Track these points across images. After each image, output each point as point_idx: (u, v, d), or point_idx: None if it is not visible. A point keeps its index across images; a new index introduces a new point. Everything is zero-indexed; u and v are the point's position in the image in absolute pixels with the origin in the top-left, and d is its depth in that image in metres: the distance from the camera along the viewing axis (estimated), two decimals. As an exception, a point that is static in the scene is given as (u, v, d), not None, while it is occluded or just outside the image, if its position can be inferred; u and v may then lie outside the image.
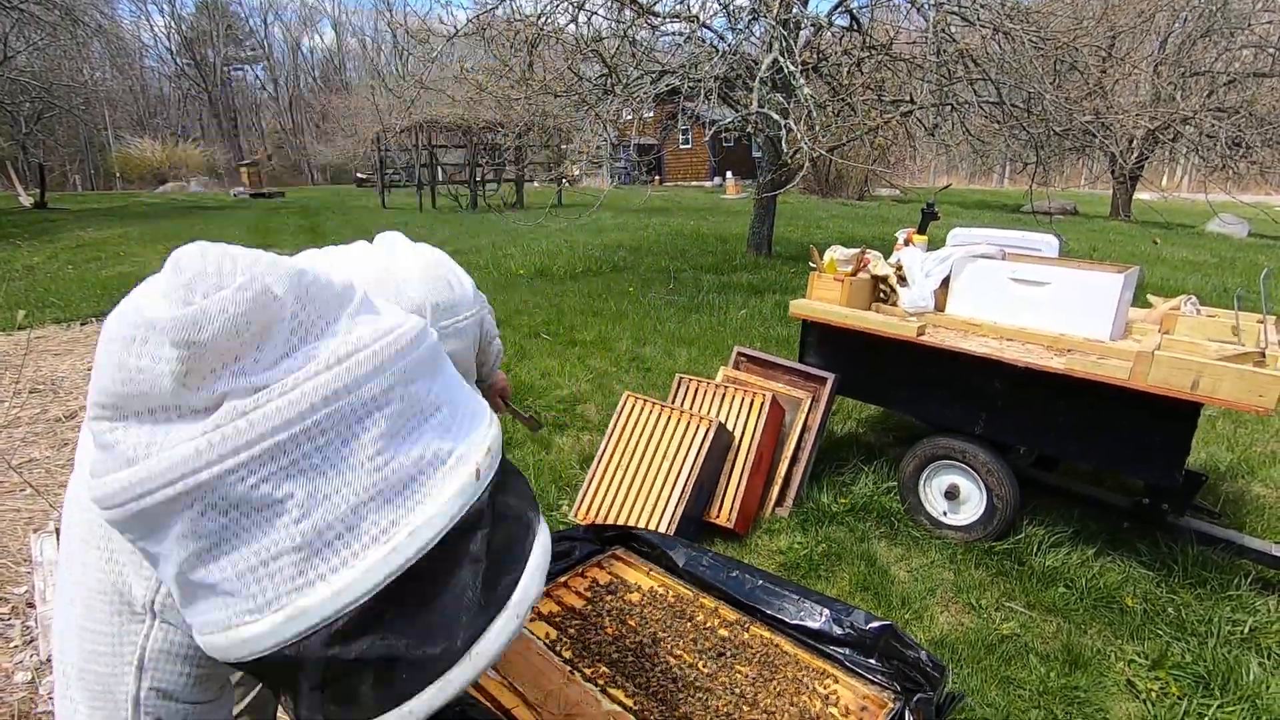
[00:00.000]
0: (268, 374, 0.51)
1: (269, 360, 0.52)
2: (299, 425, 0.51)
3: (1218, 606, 2.35)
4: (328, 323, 0.55)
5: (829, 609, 1.09)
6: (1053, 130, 6.61)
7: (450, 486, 0.55)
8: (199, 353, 0.50)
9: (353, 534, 0.51)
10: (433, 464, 0.55)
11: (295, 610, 0.50)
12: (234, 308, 0.51)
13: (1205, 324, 2.62)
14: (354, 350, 0.54)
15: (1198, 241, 12.82)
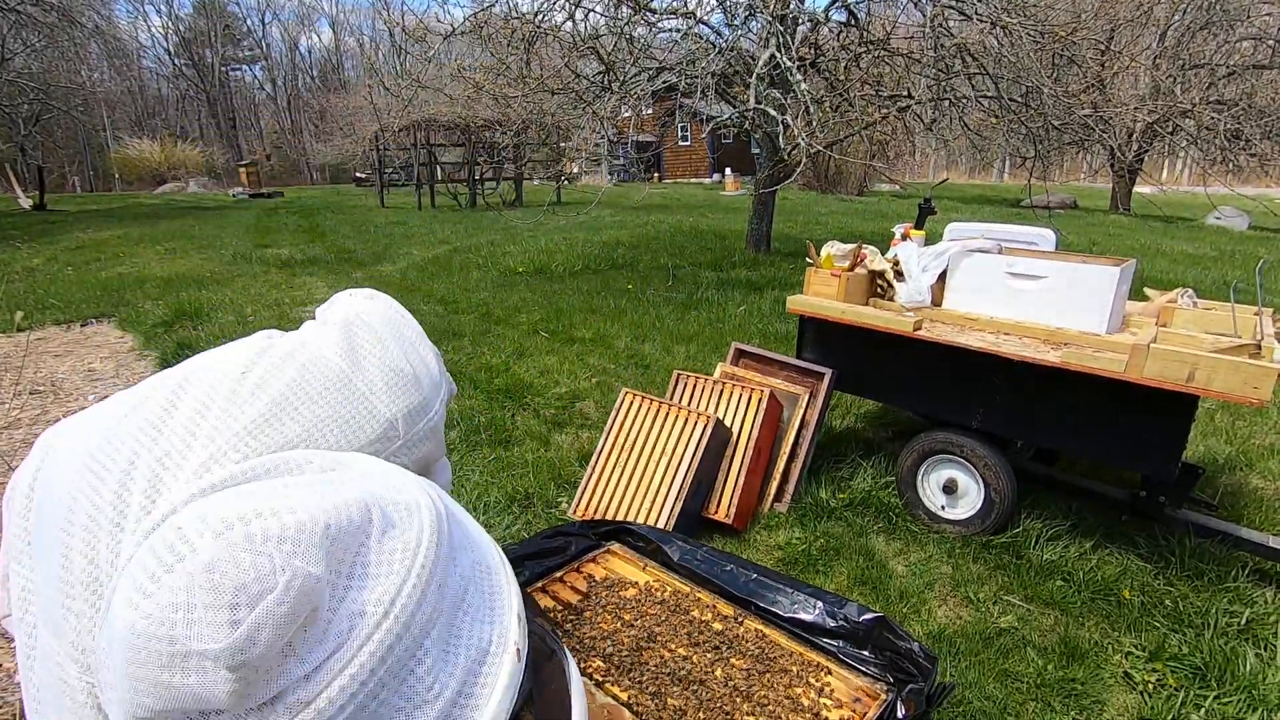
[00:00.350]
0: (319, 649, 0.51)
1: (318, 635, 0.52)
2: (361, 695, 0.51)
3: (1215, 598, 2.35)
4: (363, 565, 0.55)
5: (822, 602, 1.10)
6: (1051, 124, 6.61)
7: (502, 679, 0.56)
8: (254, 668, 0.50)
9: None
10: (480, 661, 0.57)
11: None
12: (282, 609, 0.50)
13: (1202, 317, 2.63)
14: (396, 594, 0.54)
15: (1197, 235, 12.81)
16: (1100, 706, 1.97)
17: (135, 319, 5.93)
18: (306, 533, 0.54)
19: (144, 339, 5.45)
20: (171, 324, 5.67)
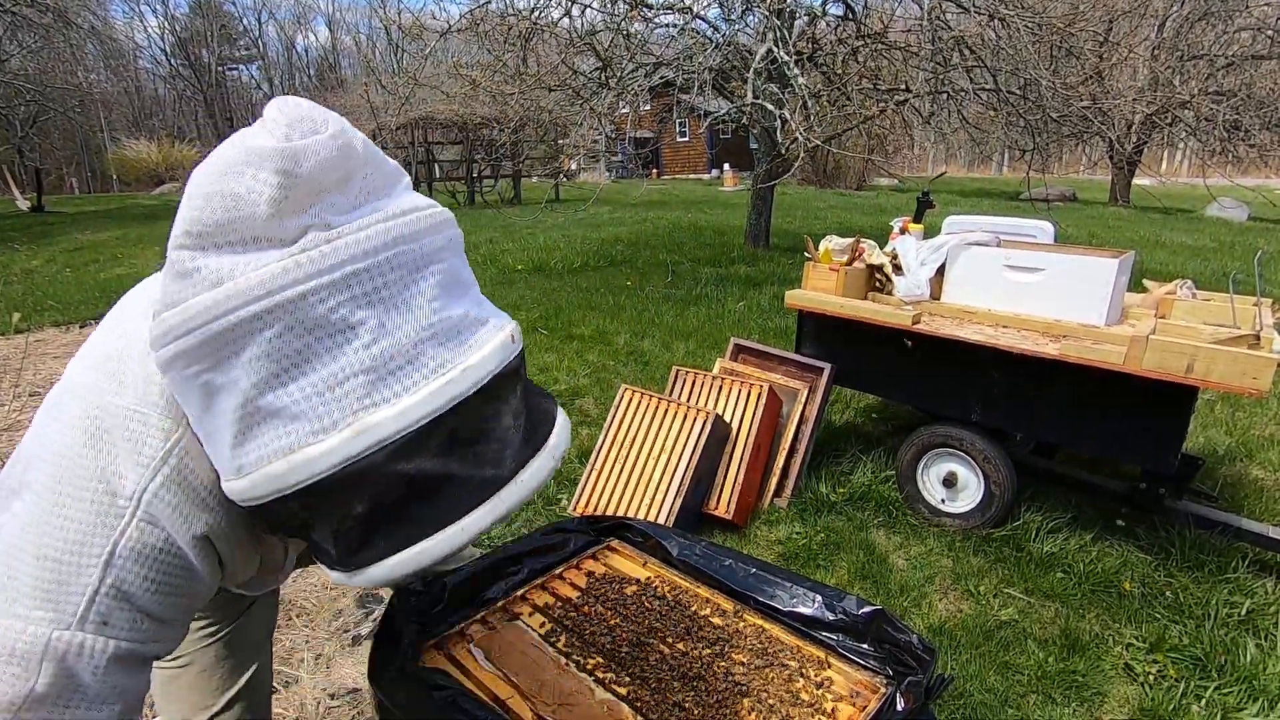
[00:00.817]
0: (343, 217, 0.58)
1: (344, 206, 0.58)
2: (374, 259, 0.57)
3: (1215, 589, 2.35)
4: (389, 187, 0.63)
5: (821, 595, 1.10)
6: (1050, 116, 6.59)
7: (493, 342, 0.62)
8: (296, 184, 0.55)
9: (413, 365, 0.57)
10: (476, 322, 0.62)
11: (362, 426, 0.54)
12: (326, 151, 0.57)
13: (1201, 308, 2.62)
14: (414, 209, 0.62)
15: (1197, 226, 12.79)
16: (1101, 698, 1.98)
17: (134, 320, 5.91)
18: (355, 129, 0.63)
19: (143, 340, 5.45)
20: (171, 325, 5.66)
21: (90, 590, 0.63)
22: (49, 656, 0.60)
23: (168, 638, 0.70)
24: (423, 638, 1.06)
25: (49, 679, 0.60)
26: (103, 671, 0.63)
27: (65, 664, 0.61)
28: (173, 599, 0.68)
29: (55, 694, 0.61)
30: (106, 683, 0.64)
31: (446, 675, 0.96)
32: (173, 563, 0.67)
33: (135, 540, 0.64)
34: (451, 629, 1.11)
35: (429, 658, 1.05)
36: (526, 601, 1.19)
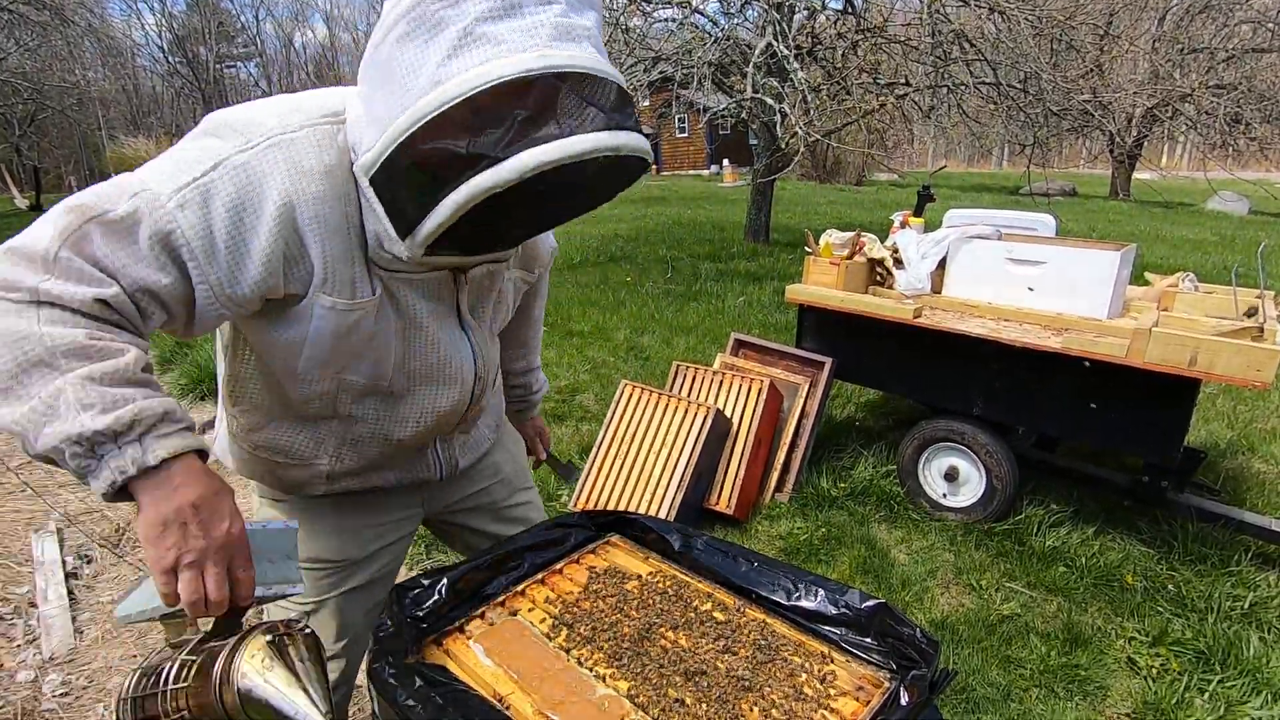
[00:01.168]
0: None
1: None
2: None
3: (1218, 582, 2.35)
4: None
5: (824, 589, 1.09)
6: (1050, 110, 6.57)
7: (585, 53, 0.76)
8: None
9: (586, 39, 0.76)
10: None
11: (544, 53, 0.72)
12: None
13: (1204, 300, 2.61)
14: None
15: (1198, 220, 12.77)
16: (1104, 692, 1.97)
17: (133, 318, 5.90)
18: None
19: (142, 337, 5.44)
20: (169, 322, 5.65)
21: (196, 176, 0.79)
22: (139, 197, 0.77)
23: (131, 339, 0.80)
24: (422, 634, 1.05)
25: (125, 211, 0.76)
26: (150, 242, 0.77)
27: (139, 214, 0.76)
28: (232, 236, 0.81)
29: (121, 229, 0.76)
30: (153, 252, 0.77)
31: (445, 671, 0.95)
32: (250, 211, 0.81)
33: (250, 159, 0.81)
34: (451, 625, 1.10)
35: (428, 653, 1.04)
36: (526, 597, 1.17)
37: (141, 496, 0.74)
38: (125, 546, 2.71)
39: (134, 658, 2.12)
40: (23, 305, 0.72)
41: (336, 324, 0.91)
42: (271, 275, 0.83)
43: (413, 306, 0.97)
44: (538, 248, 1.20)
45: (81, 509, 2.93)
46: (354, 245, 0.88)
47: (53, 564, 2.56)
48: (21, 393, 0.71)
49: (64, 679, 2.04)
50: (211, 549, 0.76)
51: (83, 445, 0.71)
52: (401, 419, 1.06)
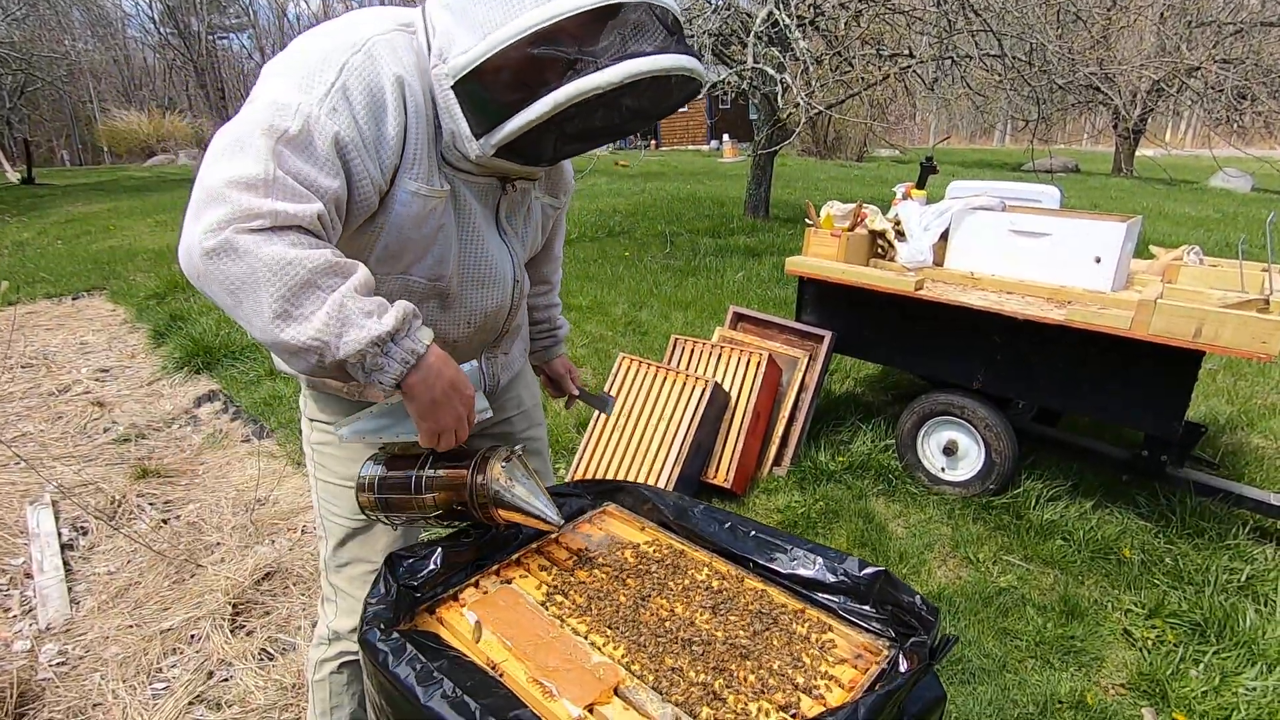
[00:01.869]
0: None
1: None
2: None
3: (1215, 556, 2.35)
4: None
5: (822, 557, 1.07)
6: (1055, 83, 6.46)
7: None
8: None
9: None
10: None
11: None
12: None
13: (1208, 273, 2.58)
14: None
15: (1200, 197, 12.67)
16: (1099, 663, 1.98)
17: (127, 291, 5.86)
18: None
19: (136, 311, 5.40)
20: (164, 296, 5.60)
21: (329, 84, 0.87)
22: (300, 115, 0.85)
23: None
24: (415, 602, 1.04)
25: (299, 127, 0.85)
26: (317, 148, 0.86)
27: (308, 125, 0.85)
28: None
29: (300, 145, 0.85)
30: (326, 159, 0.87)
31: (437, 638, 0.94)
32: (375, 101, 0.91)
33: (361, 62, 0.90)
34: (445, 593, 1.08)
35: (421, 621, 1.02)
36: (521, 565, 1.16)
37: (414, 384, 0.91)
38: (120, 519, 2.70)
39: (131, 628, 2.12)
40: (269, 233, 0.81)
41: (418, 210, 0.99)
42: (396, 156, 0.94)
43: (470, 205, 1.07)
44: (564, 174, 1.31)
45: (75, 481, 2.92)
46: (432, 138, 0.98)
47: (48, 536, 2.55)
48: (300, 313, 0.83)
49: (60, 649, 2.04)
50: (465, 411, 0.98)
51: (379, 346, 0.86)
52: (455, 320, 1.15)
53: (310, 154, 0.86)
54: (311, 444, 1.26)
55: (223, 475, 3.04)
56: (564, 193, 1.33)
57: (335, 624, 1.30)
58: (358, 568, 1.27)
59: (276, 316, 0.82)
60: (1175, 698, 1.83)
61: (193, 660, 1.99)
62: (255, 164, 0.82)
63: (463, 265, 1.11)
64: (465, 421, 0.99)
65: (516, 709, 0.76)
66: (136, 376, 4.23)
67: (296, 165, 0.84)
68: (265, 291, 0.81)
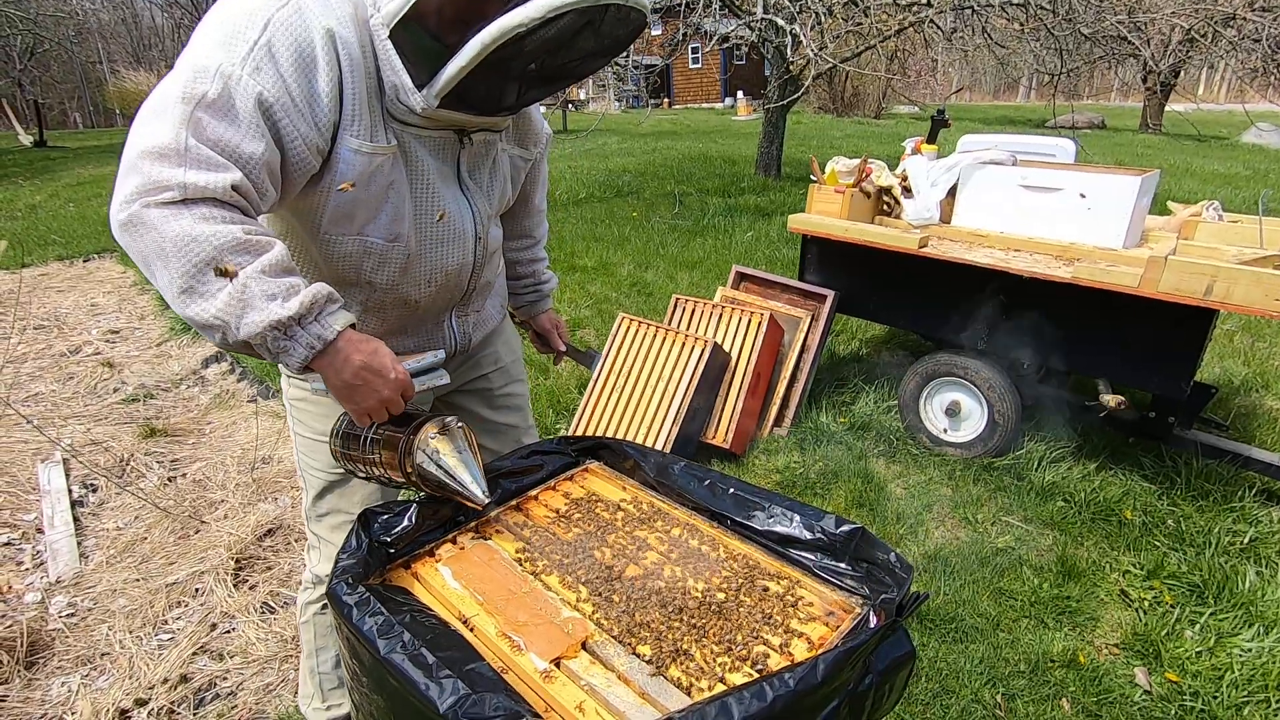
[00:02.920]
0: None
1: None
2: None
3: (1219, 518, 2.32)
4: None
5: (800, 515, 1.06)
6: (1080, 32, 6.21)
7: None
8: None
9: None
10: None
11: None
12: None
13: (1227, 230, 2.49)
14: None
15: (1231, 153, 12.25)
16: (1094, 623, 1.97)
17: (136, 254, 5.87)
18: None
19: (145, 273, 5.42)
20: (172, 258, 5.61)
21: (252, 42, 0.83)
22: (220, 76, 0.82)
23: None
24: (389, 558, 1.04)
25: (218, 91, 0.81)
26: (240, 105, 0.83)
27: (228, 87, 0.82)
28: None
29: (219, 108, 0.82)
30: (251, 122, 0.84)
31: (405, 593, 0.94)
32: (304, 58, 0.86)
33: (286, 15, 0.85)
34: (420, 549, 1.08)
35: (395, 576, 1.03)
36: (499, 523, 1.16)
37: (323, 368, 0.90)
38: (129, 477, 2.75)
39: (137, 582, 2.17)
40: (179, 206, 0.79)
41: (361, 169, 0.96)
42: (330, 112, 0.90)
43: (422, 161, 1.03)
44: (531, 124, 1.25)
45: (84, 441, 2.97)
46: (374, 92, 0.95)
47: (59, 493, 2.60)
48: (205, 290, 0.81)
49: (70, 601, 2.10)
50: (390, 393, 0.95)
51: (280, 330, 0.84)
52: (415, 280, 1.13)
53: (231, 118, 0.82)
54: (290, 399, 1.26)
55: (228, 435, 3.08)
56: (534, 143, 1.28)
57: (319, 569, 1.34)
58: (336, 517, 1.29)
59: (182, 292, 0.81)
60: (1169, 658, 1.83)
61: (196, 613, 2.04)
62: (168, 132, 0.79)
63: (419, 223, 1.08)
64: (389, 403, 0.96)
65: (474, 662, 0.76)
66: (146, 338, 4.27)
67: (215, 132, 0.81)
68: (172, 267, 0.80)
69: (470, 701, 0.70)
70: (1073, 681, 1.77)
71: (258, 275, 0.83)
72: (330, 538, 1.30)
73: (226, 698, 1.77)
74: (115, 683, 1.80)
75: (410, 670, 0.74)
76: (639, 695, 0.83)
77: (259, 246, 0.84)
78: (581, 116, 19.69)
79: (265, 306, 0.82)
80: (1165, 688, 1.75)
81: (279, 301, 0.83)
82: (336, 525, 1.29)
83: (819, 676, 0.73)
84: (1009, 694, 1.74)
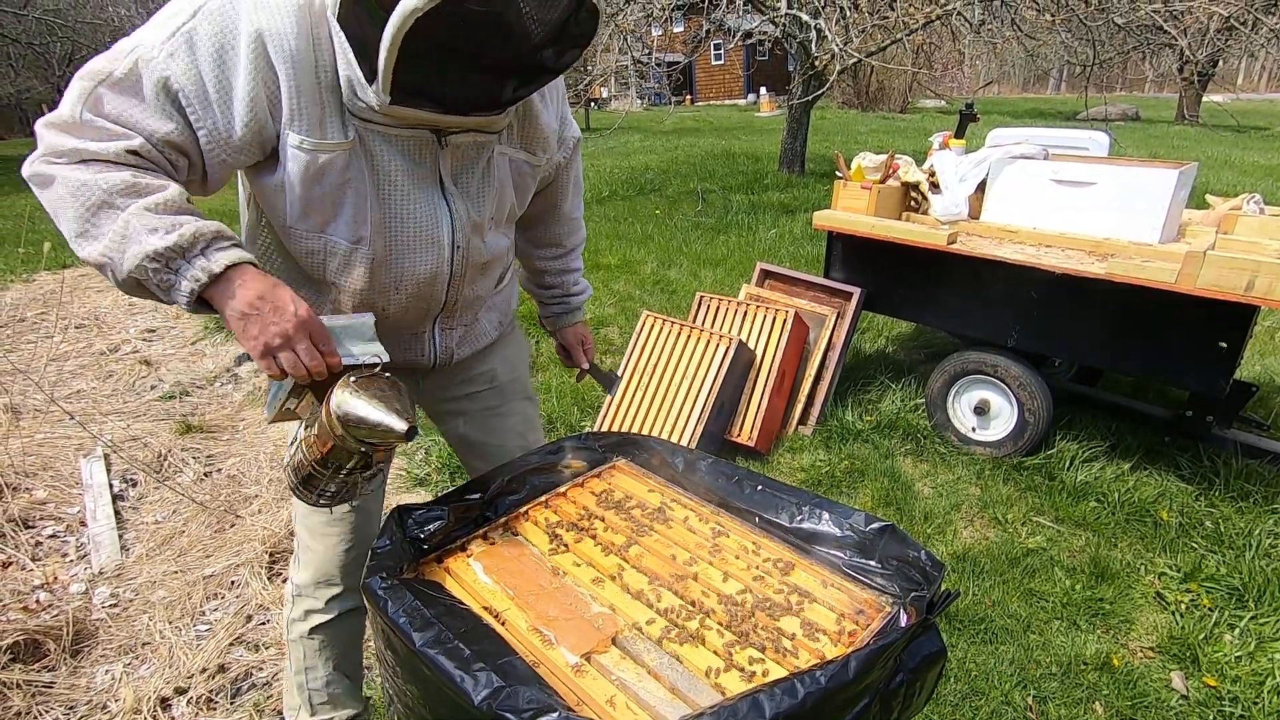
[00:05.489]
0: None
1: None
2: None
3: (1260, 519, 2.26)
4: None
5: (829, 512, 1.05)
6: (1114, 23, 6.07)
7: None
8: None
9: None
10: None
11: None
12: None
13: (1269, 224, 2.42)
14: None
15: (1271, 144, 11.89)
16: (1129, 625, 1.93)
17: (171, 254, 6.01)
18: None
19: (180, 273, 5.54)
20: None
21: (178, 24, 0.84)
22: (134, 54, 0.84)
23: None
24: (422, 553, 1.06)
25: (125, 69, 0.83)
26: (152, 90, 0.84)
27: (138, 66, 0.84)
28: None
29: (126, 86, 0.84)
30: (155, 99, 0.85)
31: (439, 586, 0.96)
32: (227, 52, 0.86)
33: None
34: (452, 544, 1.10)
35: (427, 570, 1.05)
36: (529, 518, 1.17)
37: (217, 302, 0.87)
38: (167, 472, 2.83)
39: (176, 574, 2.23)
40: (72, 163, 0.83)
41: (305, 165, 0.93)
42: (257, 113, 0.88)
43: (388, 162, 0.99)
44: (539, 127, 1.14)
45: (125, 436, 3.05)
46: (325, 86, 0.91)
47: (100, 487, 2.68)
48: (96, 232, 0.84)
49: (112, 591, 2.16)
50: (291, 328, 0.88)
51: (159, 261, 0.83)
52: (382, 286, 1.08)
53: (135, 95, 0.84)
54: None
55: (261, 431, 3.15)
56: (543, 149, 1.16)
57: (297, 578, 1.32)
58: (315, 517, 1.27)
59: (78, 235, 0.84)
60: (1207, 662, 1.78)
61: (233, 604, 2.09)
62: (67, 106, 0.84)
63: (387, 227, 1.03)
64: (291, 340, 0.88)
65: (507, 655, 0.77)
66: (181, 336, 4.38)
67: (115, 106, 0.84)
68: (69, 211, 0.84)
69: (504, 694, 0.71)
70: (1106, 685, 1.74)
71: (140, 211, 0.83)
72: (310, 542, 1.29)
73: (263, 687, 1.82)
74: (156, 671, 1.85)
75: (445, 662, 0.75)
76: (670, 691, 0.83)
77: (149, 188, 0.84)
78: (604, 114, 19.72)
79: (144, 239, 0.82)
80: (1203, 692, 1.71)
81: (159, 235, 0.83)
82: (315, 527, 1.27)
83: (850, 674, 0.73)
84: (1040, 696, 1.71)
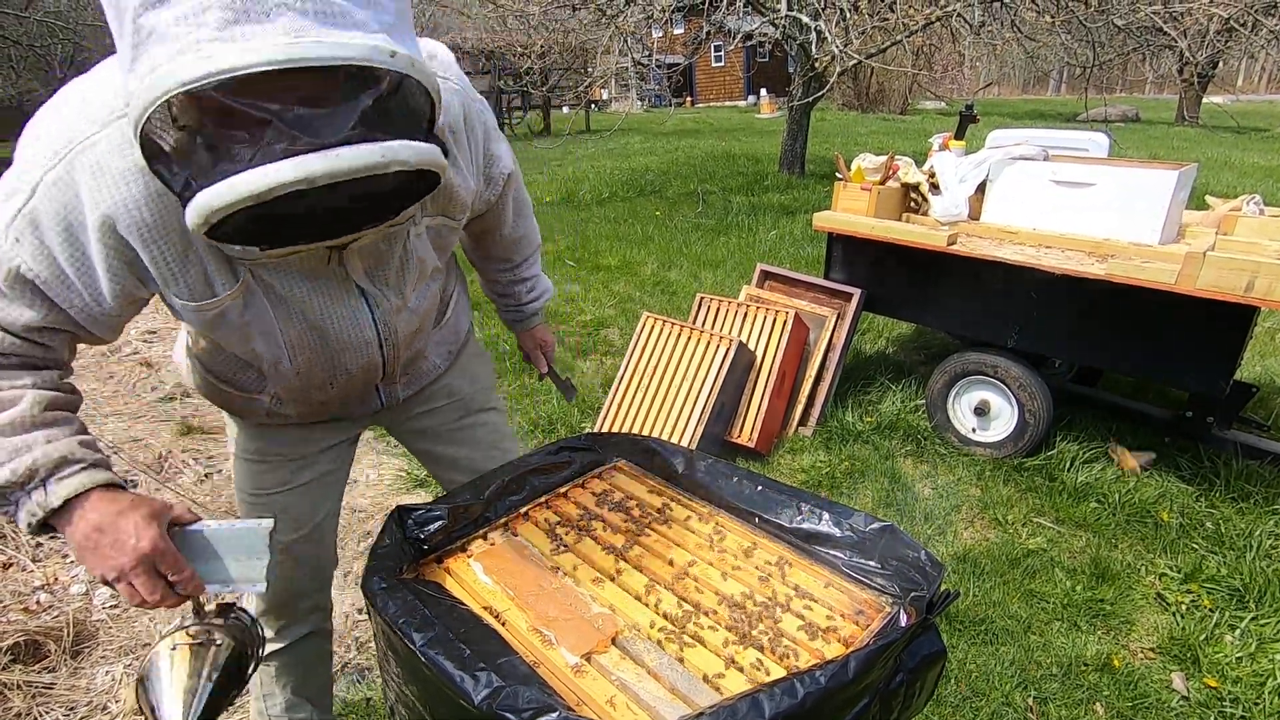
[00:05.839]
0: None
1: None
2: None
3: (1260, 520, 2.26)
4: None
5: (828, 512, 1.06)
6: (1114, 24, 6.07)
7: (361, 42, 0.61)
8: None
9: (270, 21, 0.58)
10: (358, 25, 0.62)
11: (208, 54, 0.57)
12: None
13: (1269, 225, 2.42)
14: None
15: (1271, 145, 11.89)
16: (1129, 626, 1.93)
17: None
18: None
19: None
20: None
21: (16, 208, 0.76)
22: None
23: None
24: (422, 553, 1.06)
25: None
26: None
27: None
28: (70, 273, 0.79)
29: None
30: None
31: (438, 587, 0.96)
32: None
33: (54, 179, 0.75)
34: (452, 544, 1.10)
35: (427, 571, 1.05)
36: (529, 519, 1.17)
37: (59, 529, 0.82)
38: (167, 473, 2.83)
39: (176, 575, 2.23)
40: None
41: (198, 316, 0.88)
42: (122, 284, 0.81)
43: (290, 289, 0.92)
44: (453, 193, 1.02)
45: (125, 437, 3.05)
46: (197, 243, 0.82)
47: (100, 488, 2.68)
48: None
49: (112, 593, 2.16)
50: (128, 563, 0.81)
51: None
52: (315, 383, 1.06)
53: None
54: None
55: (261, 432, 3.15)
56: (461, 210, 1.06)
57: (250, 607, 1.31)
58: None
59: None
60: (1207, 663, 1.78)
61: (233, 606, 2.09)
62: None
63: (306, 343, 0.99)
64: (131, 575, 0.82)
65: (506, 655, 0.77)
66: (181, 338, 4.38)
67: None
68: None
69: (504, 694, 0.71)
70: (1107, 685, 1.74)
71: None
72: None
73: (262, 689, 1.82)
74: (156, 673, 1.85)
75: (444, 662, 0.75)
76: (669, 691, 0.83)
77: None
78: (604, 116, 19.73)
79: None
80: (1203, 693, 1.71)
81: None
82: None
83: (850, 674, 0.72)
84: (1041, 697, 1.71)
